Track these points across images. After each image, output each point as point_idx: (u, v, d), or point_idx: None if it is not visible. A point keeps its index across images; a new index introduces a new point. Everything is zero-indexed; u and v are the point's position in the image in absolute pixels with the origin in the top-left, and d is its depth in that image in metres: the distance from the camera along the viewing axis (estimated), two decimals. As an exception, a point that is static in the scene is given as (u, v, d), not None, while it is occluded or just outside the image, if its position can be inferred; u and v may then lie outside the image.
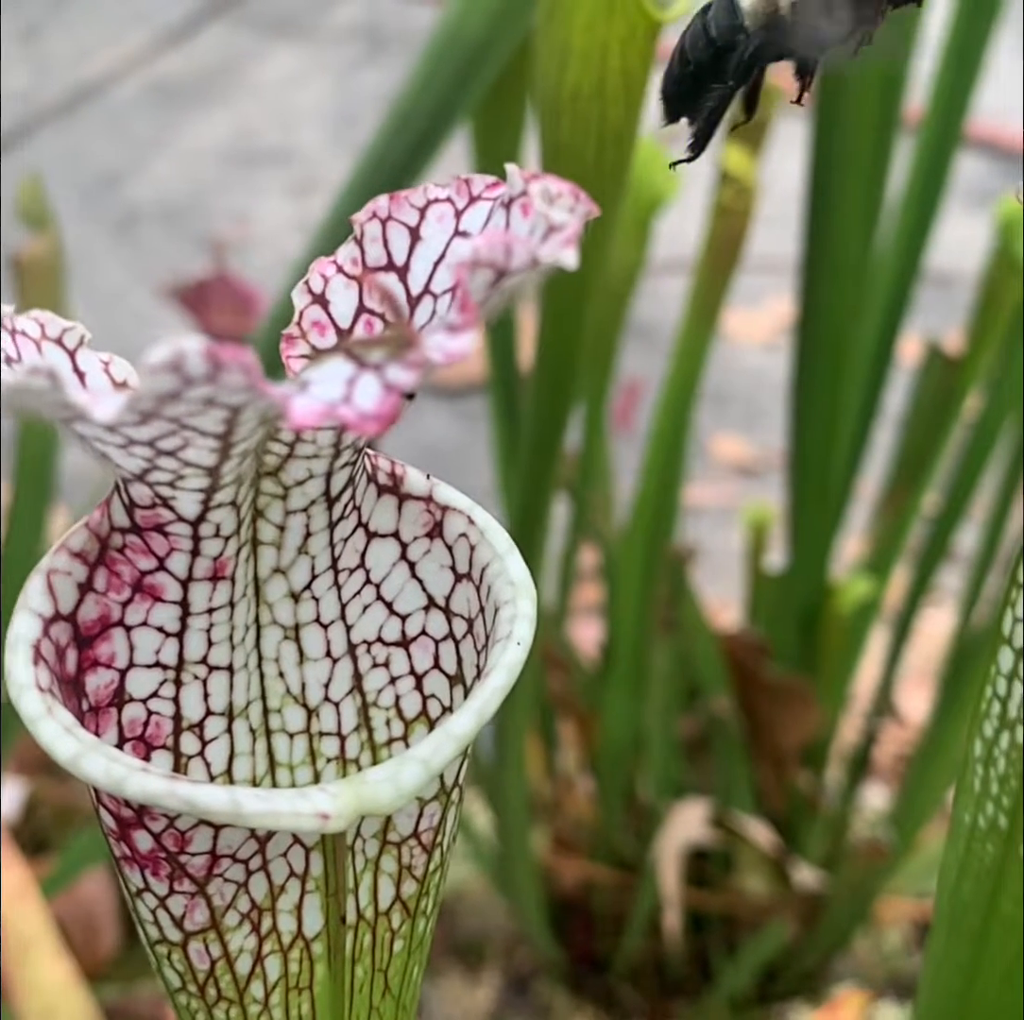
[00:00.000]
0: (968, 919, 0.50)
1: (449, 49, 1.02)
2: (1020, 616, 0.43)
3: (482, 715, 0.35)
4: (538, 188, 0.30)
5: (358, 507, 0.38)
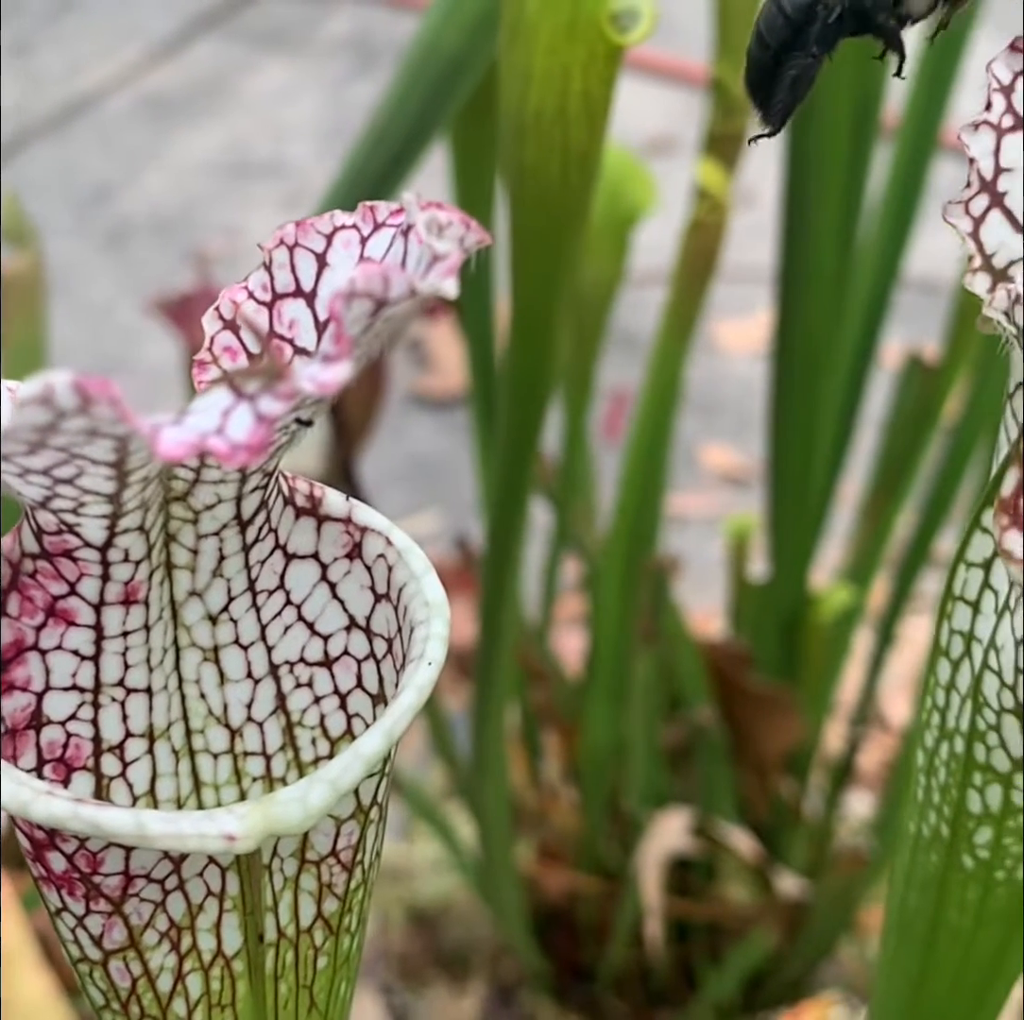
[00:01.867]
0: (915, 927, 0.50)
1: (425, 64, 1.03)
2: (956, 627, 0.44)
3: (391, 735, 0.35)
4: (425, 218, 0.30)
5: (274, 529, 0.39)
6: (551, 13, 0.61)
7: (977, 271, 0.38)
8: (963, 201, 0.38)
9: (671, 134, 2.65)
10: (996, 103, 0.38)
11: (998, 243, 0.38)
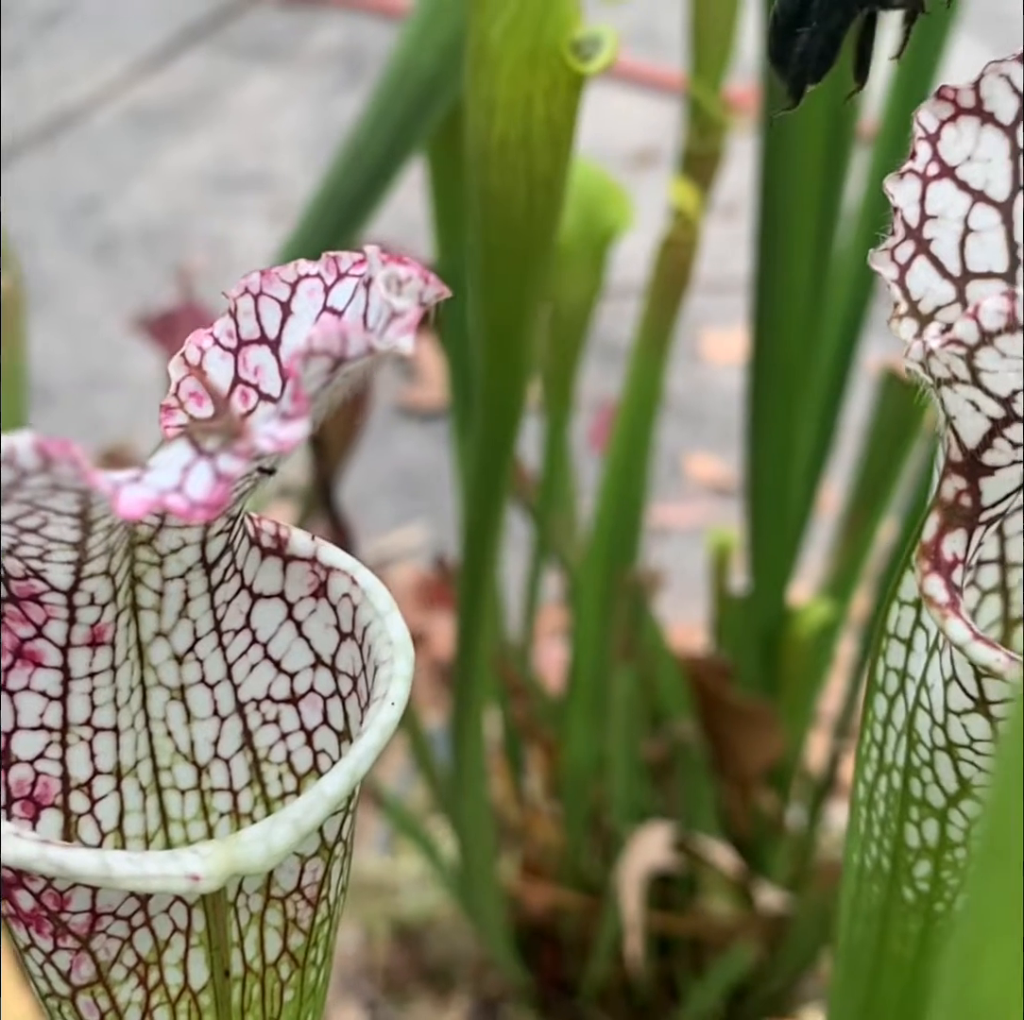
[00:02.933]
0: (861, 957, 0.51)
1: (402, 83, 1.04)
2: (891, 664, 0.44)
3: (354, 775, 0.36)
4: (384, 274, 0.31)
5: (240, 570, 0.39)
6: (513, 42, 0.62)
7: (903, 317, 0.39)
8: (888, 248, 0.39)
9: (658, 145, 2.65)
10: (921, 152, 0.39)
11: (924, 289, 0.39)
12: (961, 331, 0.35)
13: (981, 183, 0.42)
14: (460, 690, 1.09)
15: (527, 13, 0.62)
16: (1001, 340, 0.35)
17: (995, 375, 0.37)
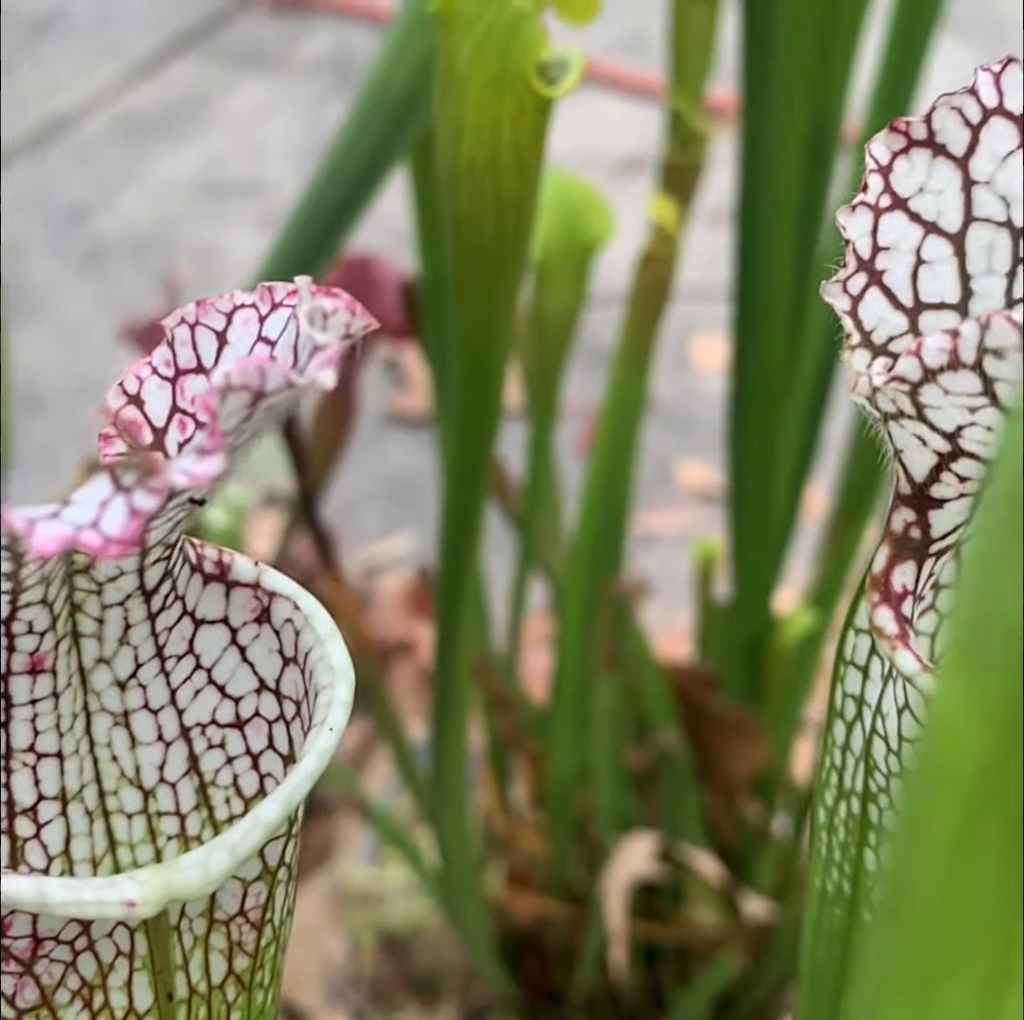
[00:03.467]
0: (824, 979, 0.51)
1: (379, 99, 1.04)
2: (848, 691, 0.44)
3: (290, 802, 0.36)
4: (308, 308, 0.31)
5: (182, 597, 0.39)
6: (480, 67, 0.62)
7: (856, 347, 0.39)
8: (840, 280, 0.39)
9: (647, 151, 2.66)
10: (873, 184, 0.39)
11: (877, 320, 0.39)
12: (904, 369, 0.35)
13: (933, 215, 0.42)
14: (441, 701, 1.09)
15: (493, 38, 0.62)
16: (944, 377, 0.36)
17: (940, 411, 0.37)
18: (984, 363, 0.35)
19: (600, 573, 1.26)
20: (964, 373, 0.35)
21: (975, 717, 0.19)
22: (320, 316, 0.31)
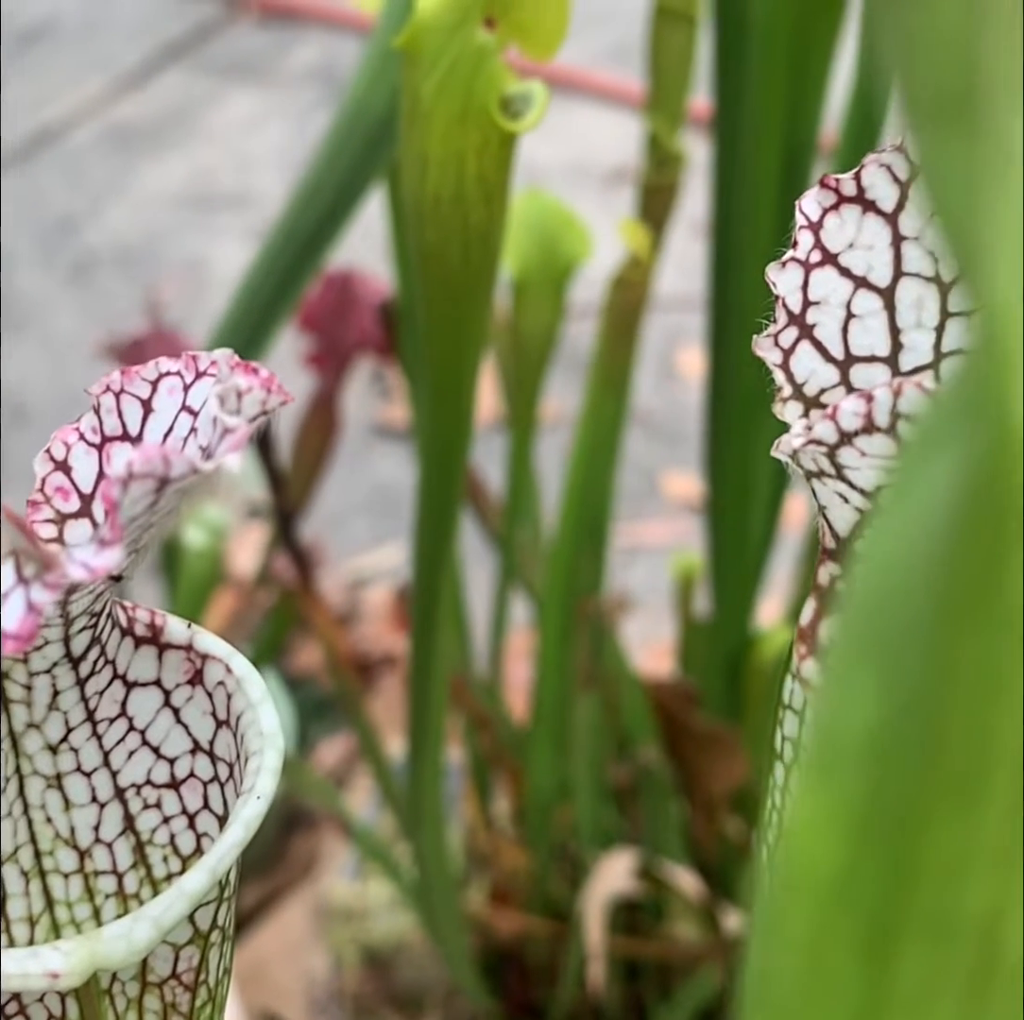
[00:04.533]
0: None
1: (355, 124, 1.04)
2: (787, 734, 0.45)
3: (215, 872, 0.36)
4: (222, 389, 0.31)
5: (112, 661, 0.40)
6: (444, 102, 0.62)
7: (788, 400, 0.39)
8: (772, 334, 0.40)
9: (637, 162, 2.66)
10: (803, 240, 0.40)
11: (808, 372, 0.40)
12: (821, 432, 0.35)
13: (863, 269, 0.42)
14: (416, 719, 1.09)
15: (456, 74, 0.62)
16: (860, 440, 0.36)
17: (858, 471, 0.37)
18: (897, 427, 0.35)
19: (579, 590, 1.26)
20: (879, 436, 0.35)
21: (828, 822, 0.20)
22: (234, 395, 0.31)
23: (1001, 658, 0.17)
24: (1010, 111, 0.16)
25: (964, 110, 0.16)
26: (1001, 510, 0.16)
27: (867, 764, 0.19)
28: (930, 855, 0.18)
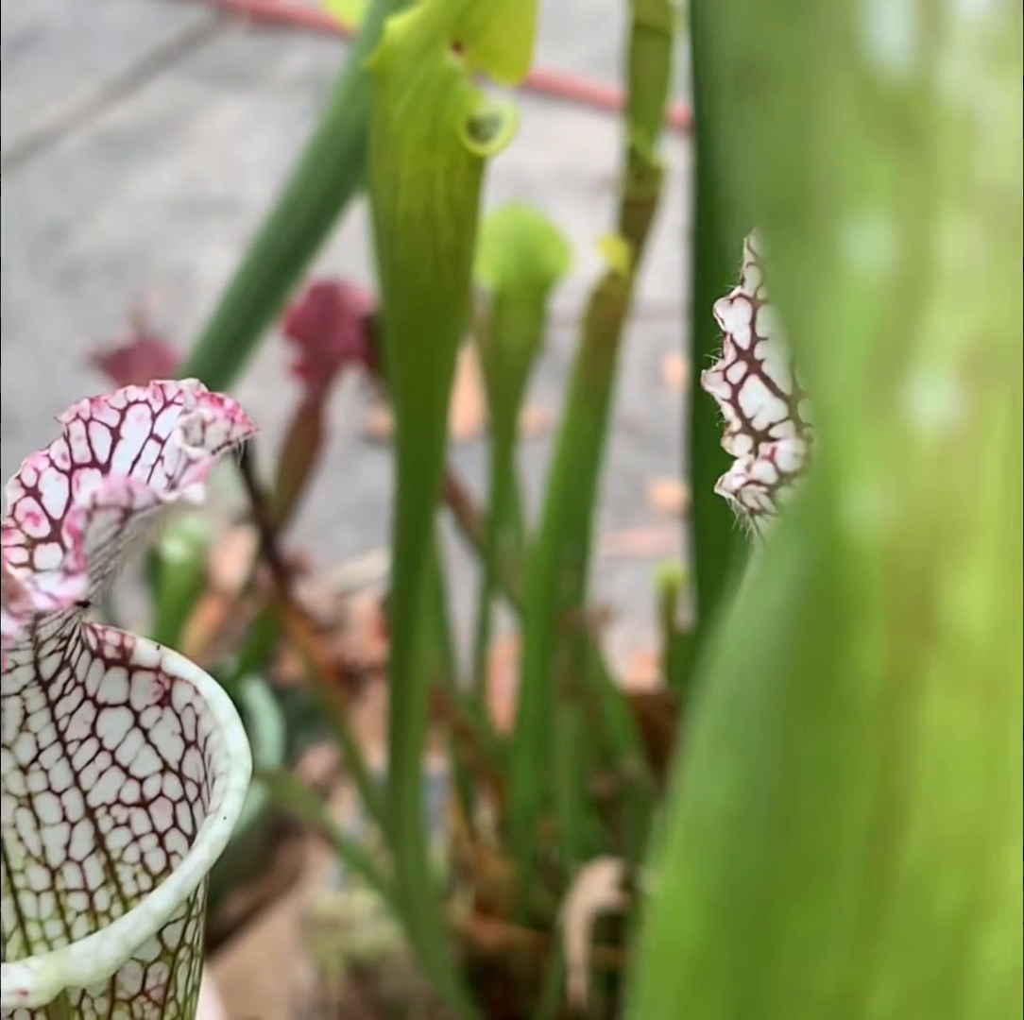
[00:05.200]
0: None
1: (333, 140, 1.05)
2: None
3: (181, 892, 0.36)
4: (186, 420, 0.32)
5: (82, 683, 0.40)
6: (413, 124, 0.63)
7: (736, 434, 0.40)
8: (721, 370, 0.40)
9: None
10: (750, 277, 0.40)
11: (757, 407, 0.40)
12: (760, 472, 0.36)
13: None
14: (395, 732, 1.09)
15: (425, 97, 0.62)
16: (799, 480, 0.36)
17: None
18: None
19: (561, 601, 1.27)
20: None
21: (691, 899, 0.20)
22: (198, 426, 0.32)
23: (838, 747, 0.18)
24: (834, 215, 0.17)
25: (796, 214, 0.17)
26: (831, 611, 0.17)
27: (725, 844, 0.20)
28: (786, 934, 0.19)
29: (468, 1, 0.58)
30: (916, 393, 0.16)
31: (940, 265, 0.16)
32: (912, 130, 0.16)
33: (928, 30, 0.16)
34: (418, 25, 0.59)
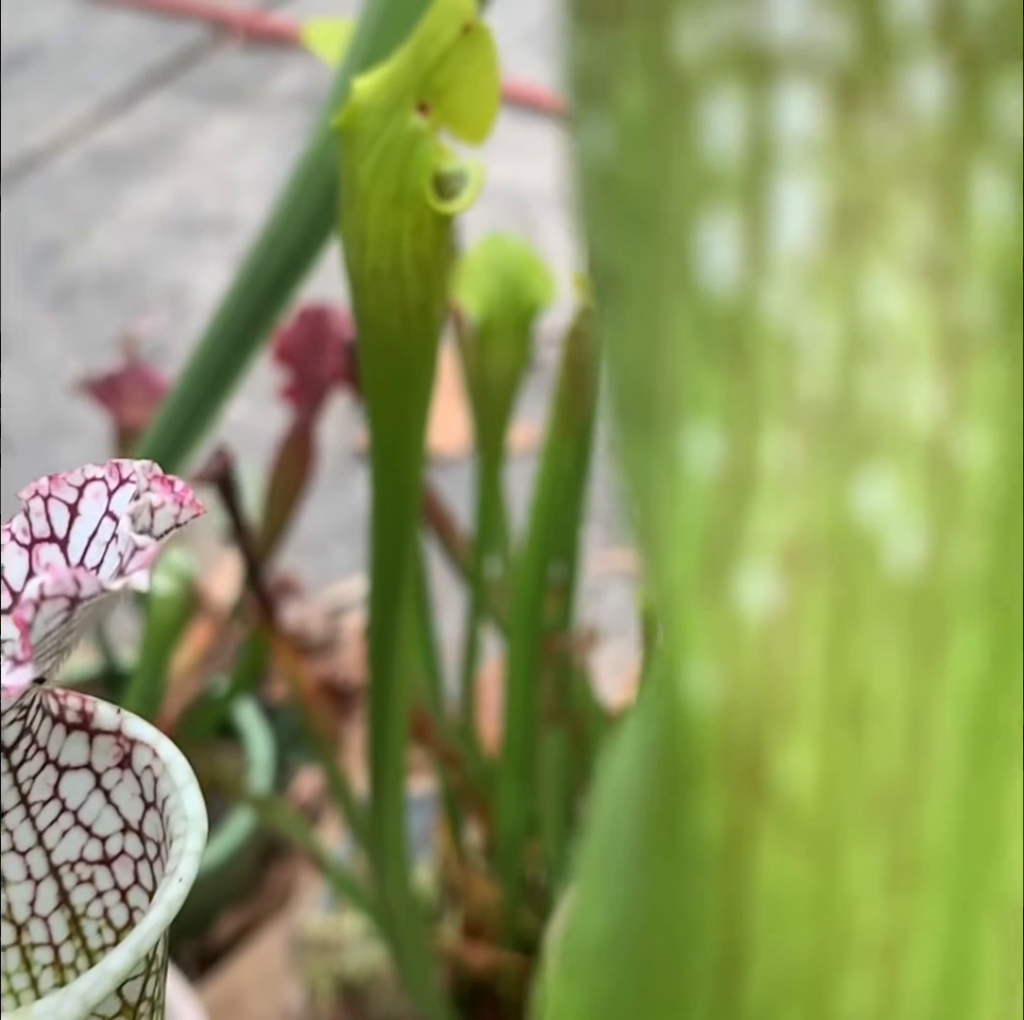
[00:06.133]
0: None
1: (316, 172, 1.06)
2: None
3: (138, 952, 0.38)
4: (134, 508, 0.33)
5: (43, 748, 0.41)
6: (380, 185, 0.64)
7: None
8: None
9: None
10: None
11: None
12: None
13: None
14: (376, 757, 1.10)
15: (391, 157, 0.64)
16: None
17: None
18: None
19: (545, 625, 1.28)
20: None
21: (570, 1016, 0.22)
22: (147, 512, 0.33)
23: (687, 895, 0.20)
24: (675, 423, 0.18)
25: (645, 418, 0.19)
26: (676, 775, 0.19)
27: (599, 975, 0.22)
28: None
29: (433, 63, 0.59)
30: (742, 583, 0.18)
31: (763, 470, 0.18)
32: (740, 350, 0.18)
33: (752, 262, 0.18)
34: (384, 86, 0.61)
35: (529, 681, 1.27)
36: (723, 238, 0.18)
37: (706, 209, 0.18)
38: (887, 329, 0.17)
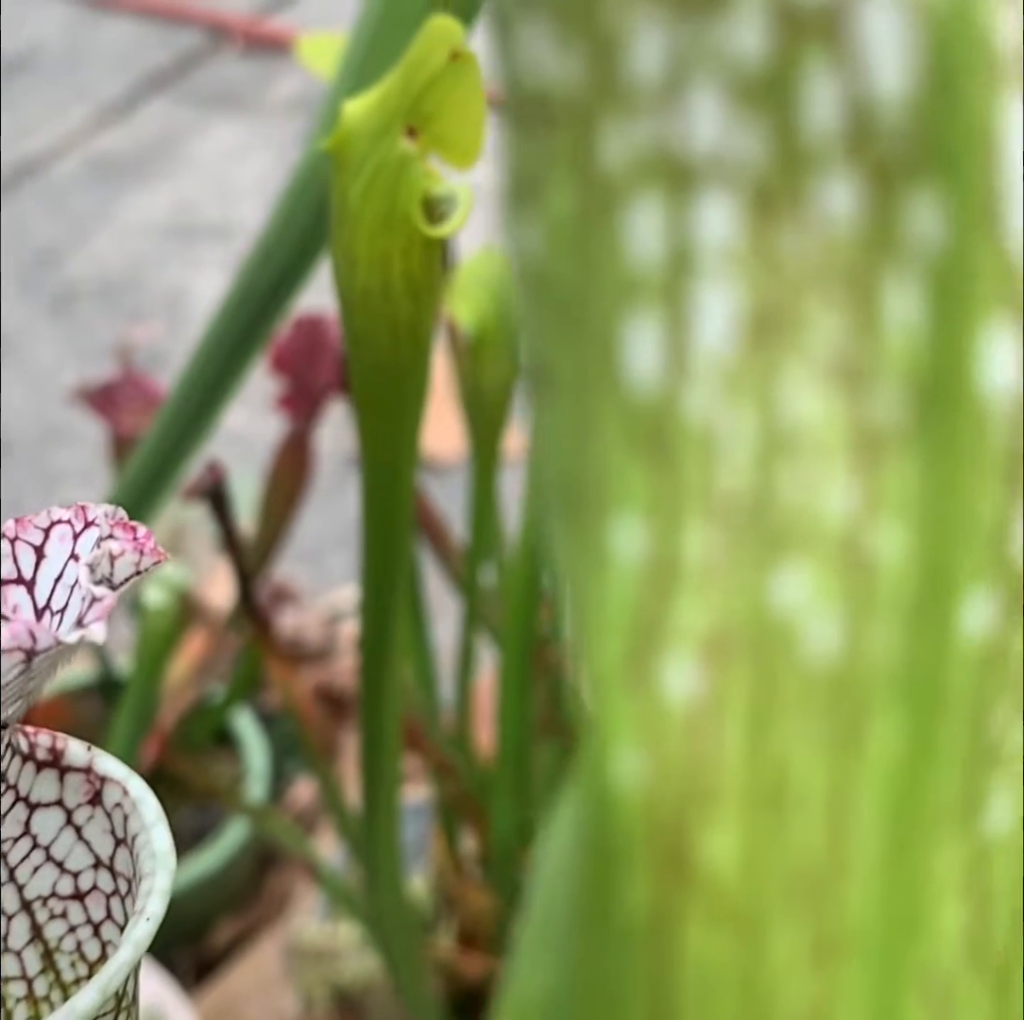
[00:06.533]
0: None
1: (308, 189, 1.06)
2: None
3: (106, 991, 0.38)
4: (93, 557, 0.33)
5: (14, 786, 0.42)
6: (369, 207, 0.64)
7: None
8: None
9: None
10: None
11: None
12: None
13: None
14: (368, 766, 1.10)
15: (381, 180, 0.64)
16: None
17: None
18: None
19: (538, 635, 1.28)
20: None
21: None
22: (107, 561, 0.33)
23: (616, 972, 0.20)
24: (601, 514, 0.19)
25: (575, 508, 0.19)
26: (605, 856, 0.19)
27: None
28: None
29: (421, 89, 0.60)
30: (666, 671, 0.19)
31: (685, 562, 0.18)
32: (663, 445, 0.18)
33: (674, 361, 0.19)
34: (374, 110, 0.61)
35: (523, 690, 1.28)
36: (646, 338, 0.19)
37: (630, 311, 0.19)
38: (803, 428, 0.18)
